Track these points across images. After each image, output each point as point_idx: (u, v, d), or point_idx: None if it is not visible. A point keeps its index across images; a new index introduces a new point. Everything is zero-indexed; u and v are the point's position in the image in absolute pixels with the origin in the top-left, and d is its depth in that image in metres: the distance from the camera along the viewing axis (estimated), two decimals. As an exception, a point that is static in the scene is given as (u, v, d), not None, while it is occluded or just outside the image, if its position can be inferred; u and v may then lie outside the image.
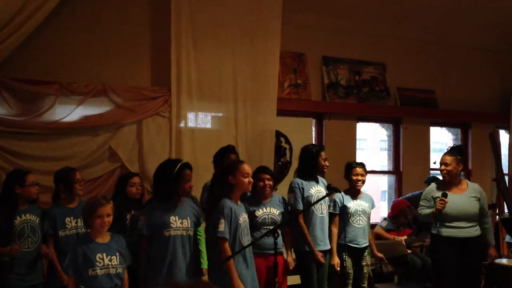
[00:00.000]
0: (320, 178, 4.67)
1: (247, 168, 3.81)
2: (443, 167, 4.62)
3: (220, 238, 3.63)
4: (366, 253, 4.76)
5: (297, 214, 4.43)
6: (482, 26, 7.04)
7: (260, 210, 4.29)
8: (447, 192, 4.53)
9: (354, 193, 4.80)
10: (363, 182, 4.79)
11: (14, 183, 3.89)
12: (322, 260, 4.45)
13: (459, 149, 4.77)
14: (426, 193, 4.75)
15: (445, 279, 4.54)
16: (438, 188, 4.65)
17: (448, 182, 4.65)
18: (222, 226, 3.62)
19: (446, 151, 4.83)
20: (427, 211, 4.62)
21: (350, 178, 4.77)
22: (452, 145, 4.90)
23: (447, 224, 4.54)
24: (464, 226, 4.53)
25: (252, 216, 4.19)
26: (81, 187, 4.19)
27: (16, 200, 3.88)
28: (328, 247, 4.56)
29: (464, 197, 4.58)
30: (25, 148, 4.81)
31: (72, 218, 4.08)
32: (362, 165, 4.83)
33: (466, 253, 4.50)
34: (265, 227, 4.20)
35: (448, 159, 4.62)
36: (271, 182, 4.37)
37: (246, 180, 3.77)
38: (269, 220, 4.29)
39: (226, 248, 3.62)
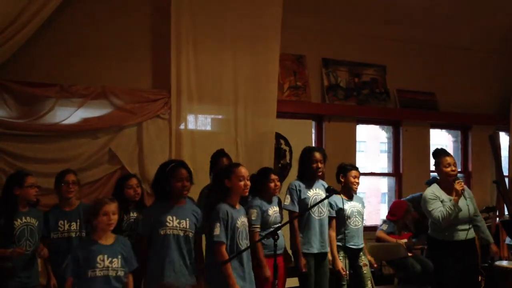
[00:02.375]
0: (320, 181, 4.63)
1: (244, 171, 3.78)
2: (453, 167, 4.50)
3: (216, 242, 3.65)
4: (361, 253, 4.73)
5: (293, 217, 4.44)
6: (482, 29, 7.05)
7: (271, 209, 4.31)
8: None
9: (349, 195, 4.77)
10: (358, 184, 4.79)
11: (13, 184, 3.88)
12: (304, 268, 4.37)
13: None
14: (432, 193, 4.52)
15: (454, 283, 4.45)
16: (442, 190, 4.53)
17: (449, 184, 4.53)
18: (218, 230, 3.63)
19: (444, 151, 4.69)
20: (447, 205, 4.34)
21: (347, 180, 4.74)
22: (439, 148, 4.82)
23: (458, 227, 4.46)
24: (467, 228, 4.49)
25: (265, 214, 4.22)
26: (70, 190, 4.10)
27: (15, 201, 3.87)
28: (326, 250, 4.52)
29: (462, 200, 4.53)
30: (25, 150, 4.81)
31: (65, 221, 4.06)
32: (356, 168, 4.83)
33: (467, 254, 4.48)
34: (275, 225, 4.20)
35: (453, 160, 4.55)
36: (279, 183, 4.41)
37: (242, 183, 3.74)
38: (278, 219, 4.34)
39: (223, 252, 3.63)
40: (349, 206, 4.71)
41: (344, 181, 4.73)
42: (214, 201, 3.79)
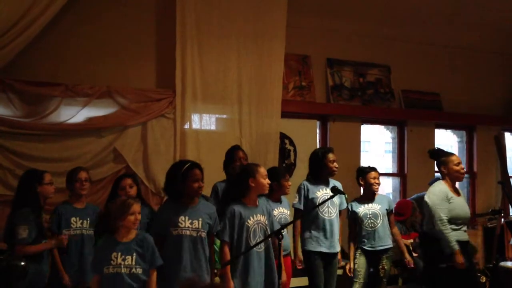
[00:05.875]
0: (332, 181, 4.65)
1: (264, 170, 3.88)
2: (463, 166, 4.59)
3: (220, 240, 3.73)
4: (384, 256, 4.70)
5: (296, 214, 4.54)
6: (488, 29, 7.02)
7: (276, 210, 4.35)
8: None
9: (369, 197, 4.79)
10: (379, 185, 4.79)
11: (33, 181, 3.92)
12: (298, 265, 4.52)
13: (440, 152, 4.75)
14: (441, 194, 4.50)
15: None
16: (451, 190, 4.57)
17: (454, 185, 4.62)
18: (221, 229, 3.73)
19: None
20: (452, 238, 4.37)
21: (367, 181, 4.75)
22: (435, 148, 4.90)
23: (456, 228, 4.47)
24: (465, 229, 4.56)
25: None
26: (83, 187, 4.17)
27: (39, 197, 3.92)
28: (335, 250, 4.56)
29: (464, 200, 4.60)
30: (30, 150, 4.83)
31: (78, 218, 4.10)
32: (375, 169, 4.84)
33: (465, 256, 4.49)
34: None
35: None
36: (289, 183, 4.47)
37: (266, 181, 3.82)
38: (284, 220, 4.37)
39: (224, 251, 3.70)
40: (363, 209, 4.73)
41: (364, 183, 4.79)
42: (230, 200, 3.86)
